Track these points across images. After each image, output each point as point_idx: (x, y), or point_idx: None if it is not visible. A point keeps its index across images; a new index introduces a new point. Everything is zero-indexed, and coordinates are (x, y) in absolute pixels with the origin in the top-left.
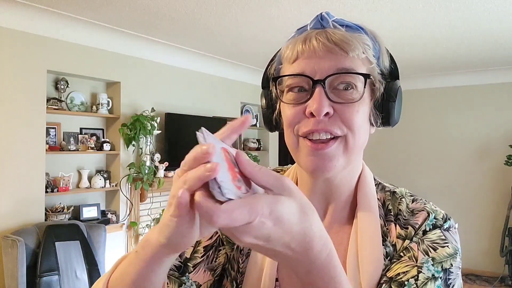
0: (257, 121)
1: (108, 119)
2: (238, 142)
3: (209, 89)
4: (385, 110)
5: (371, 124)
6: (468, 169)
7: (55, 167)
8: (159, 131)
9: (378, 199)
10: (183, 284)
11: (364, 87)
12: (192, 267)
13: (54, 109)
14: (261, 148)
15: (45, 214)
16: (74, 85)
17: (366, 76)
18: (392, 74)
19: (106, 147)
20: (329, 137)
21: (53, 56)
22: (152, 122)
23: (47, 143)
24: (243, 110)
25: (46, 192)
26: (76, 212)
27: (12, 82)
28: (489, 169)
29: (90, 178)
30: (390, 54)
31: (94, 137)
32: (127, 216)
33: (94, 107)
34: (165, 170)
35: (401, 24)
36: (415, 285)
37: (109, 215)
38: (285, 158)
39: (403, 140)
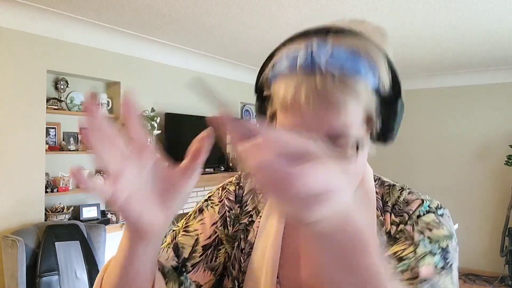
0: None
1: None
2: None
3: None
4: (382, 139)
5: (369, 146)
6: (468, 169)
7: (55, 167)
8: (159, 131)
9: (376, 192)
10: (183, 284)
11: (357, 149)
12: (191, 266)
13: (54, 109)
14: None
15: (45, 214)
16: (74, 85)
17: (358, 143)
18: (392, 96)
19: None
20: None
21: (53, 56)
22: (152, 122)
23: (47, 143)
24: (243, 110)
25: (46, 192)
26: (76, 212)
27: (12, 82)
28: (489, 169)
29: None
30: (392, 70)
31: None
32: None
33: None
34: None
35: (401, 24)
36: (413, 259)
37: (109, 215)
38: None
39: (403, 140)
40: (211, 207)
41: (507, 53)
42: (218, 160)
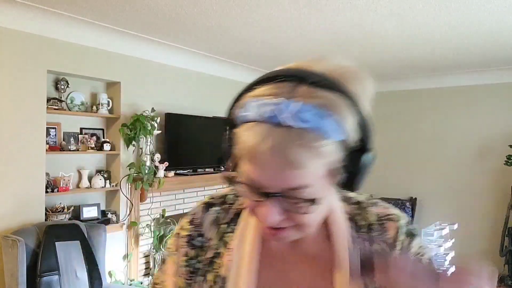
0: None
1: (108, 119)
2: None
3: (209, 89)
4: (346, 183)
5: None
6: (468, 169)
7: (55, 167)
8: (159, 131)
9: (346, 212)
10: None
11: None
12: None
13: (54, 109)
14: None
15: (45, 214)
16: (74, 85)
17: (312, 202)
18: (361, 148)
19: (106, 147)
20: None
21: (53, 56)
22: (152, 122)
23: (47, 143)
24: None
25: (46, 192)
26: (76, 212)
27: (12, 82)
28: (489, 169)
29: (90, 178)
30: (365, 124)
31: (94, 137)
32: (127, 216)
33: (94, 107)
34: (165, 170)
35: (401, 24)
36: None
37: (109, 215)
38: None
39: (403, 140)
40: (171, 256)
41: (507, 53)
42: (218, 160)
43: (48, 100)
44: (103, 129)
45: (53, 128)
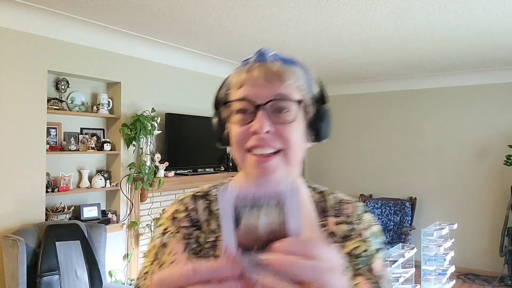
0: None
1: (108, 119)
2: None
3: (209, 89)
4: (316, 128)
5: (307, 140)
6: (467, 169)
7: (55, 167)
8: (159, 131)
9: (311, 197)
10: None
11: (297, 110)
12: None
13: (55, 109)
14: None
15: (46, 214)
16: (75, 85)
17: (299, 102)
18: (321, 99)
19: (107, 147)
20: (271, 151)
21: (53, 57)
22: (153, 122)
23: (47, 143)
24: None
25: (47, 192)
26: (77, 212)
27: (13, 82)
28: (489, 169)
29: (90, 178)
30: (321, 82)
31: (94, 137)
32: (128, 216)
33: (95, 107)
34: (165, 170)
35: (401, 24)
36: (369, 255)
37: (110, 215)
38: None
39: (402, 140)
40: (172, 236)
41: (507, 53)
42: (218, 160)
43: (49, 100)
44: (103, 129)
45: (53, 128)
